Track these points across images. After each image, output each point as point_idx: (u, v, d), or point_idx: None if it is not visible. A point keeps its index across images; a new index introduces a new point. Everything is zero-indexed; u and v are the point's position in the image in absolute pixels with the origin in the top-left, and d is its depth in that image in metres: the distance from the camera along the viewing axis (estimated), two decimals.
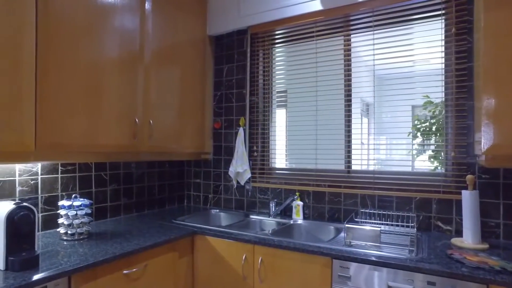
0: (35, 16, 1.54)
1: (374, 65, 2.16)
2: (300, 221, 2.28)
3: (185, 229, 2.06)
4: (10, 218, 1.35)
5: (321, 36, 2.37)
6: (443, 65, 2.00)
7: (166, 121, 2.28)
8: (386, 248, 1.63)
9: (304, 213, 2.35)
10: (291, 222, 2.27)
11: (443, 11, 1.99)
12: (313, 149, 2.40)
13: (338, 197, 2.26)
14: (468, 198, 1.72)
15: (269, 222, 2.36)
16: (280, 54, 2.62)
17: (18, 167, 1.83)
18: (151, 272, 1.78)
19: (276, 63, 2.61)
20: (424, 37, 2.05)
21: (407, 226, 1.95)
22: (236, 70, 2.67)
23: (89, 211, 1.86)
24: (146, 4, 2.11)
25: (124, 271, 1.64)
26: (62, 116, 1.66)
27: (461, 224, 1.86)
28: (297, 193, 2.36)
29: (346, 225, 1.73)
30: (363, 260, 1.54)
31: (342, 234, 1.92)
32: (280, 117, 2.70)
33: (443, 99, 2.02)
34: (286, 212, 2.41)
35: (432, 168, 2.34)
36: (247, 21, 2.54)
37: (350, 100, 2.31)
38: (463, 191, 1.76)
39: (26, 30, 1.51)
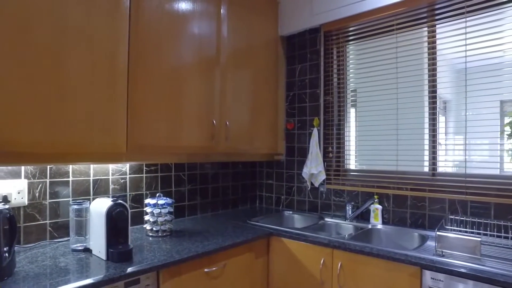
0: (128, 29, 1.67)
1: (466, 56, 1.94)
2: (379, 226, 2.15)
3: (261, 230, 2.07)
4: (109, 213, 1.47)
5: (402, 29, 2.21)
6: None
7: (240, 122, 2.32)
8: (489, 262, 1.44)
9: (383, 218, 2.21)
10: (369, 227, 2.15)
11: None
12: (393, 150, 2.25)
13: (422, 201, 2.08)
14: None
15: (346, 226, 2.26)
16: (355, 51, 2.50)
17: (111, 167, 2.00)
18: (229, 272, 1.81)
19: (351, 61, 2.51)
20: None
21: None
22: (309, 69, 2.62)
23: (171, 210, 1.96)
24: (221, 9, 2.17)
25: (205, 269, 1.68)
26: (148, 119, 1.77)
27: None
28: (375, 196, 2.23)
29: (438, 233, 1.58)
30: (461, 274, 1.38)
31: (429, 243, 1.76)
32: (357, 117, 2.58)
33: None
34: (363, 215, 2.29)
35: None
36: (320, 19, 2.47)
37: (435, 97, 2.12)
38: None
39: (121, 42, 1.64)
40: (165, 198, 1.96)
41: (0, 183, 1.58)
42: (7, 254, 1.26)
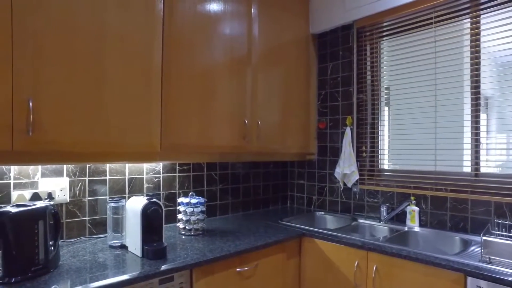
0: (162, 32, 1.71)
1: None
2: (416, 229, 2.06)
3: (292, 230, 2.04)
4: (144, 211, 1.51)
5: (442, 21, 2.10)
6: None
7: (272, 121, 2.30)
8: None
9: (420, 220, 2.11)
10: (406, 229, 2.06)
11: None
12: (431, 149, 2.14)
13: (464, 203, 1.96)
14: None
15: (381, 228, 2.19)
16: (389, 47, 2.41)
17: (146, 166, 2.05)
18: (261, 272, 1.80)
19: (385, 57, 2.42)
20: None
21: None
22: (342, 67, 2.56)
23: (204, 209, 1.97)
24: (252, 9, 2.16)
25: (237, 269, 1.68)
26: (181, 119, 1.80)
27: None
28: (412, 197, 2.14)
29: (484, 238, 1.48)
30: None
31: (472, 248, 1.66)
32: (391, 115, 2.49)
33: None
34: (398, 217, 2.20)
35: None
36: (353, 15, 2.40)
37: (478, 93, 2.00)
38: None
39: (155, 44, 1.68)
40: (197, 197, 1.99)
41: (46, 181, 1.66)
42: (52, 248, 1.33)
